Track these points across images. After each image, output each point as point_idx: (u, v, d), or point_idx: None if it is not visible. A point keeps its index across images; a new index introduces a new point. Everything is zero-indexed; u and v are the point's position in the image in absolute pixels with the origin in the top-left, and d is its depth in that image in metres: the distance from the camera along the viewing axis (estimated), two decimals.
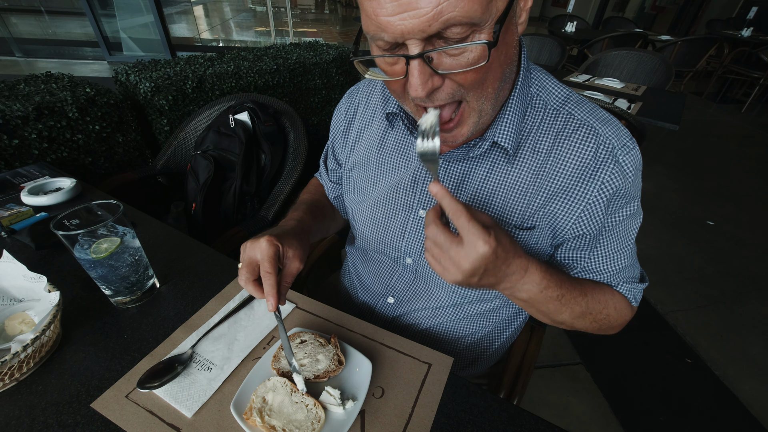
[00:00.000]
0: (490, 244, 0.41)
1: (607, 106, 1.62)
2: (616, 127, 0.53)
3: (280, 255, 0.55)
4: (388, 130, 0.66)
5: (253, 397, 0.51)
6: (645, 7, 8.95)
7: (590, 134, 0.52)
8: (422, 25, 0.36)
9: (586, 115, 0.53)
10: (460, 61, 0.40)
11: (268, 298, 0.51)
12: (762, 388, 1.54)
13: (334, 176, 0.81)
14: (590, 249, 0.58)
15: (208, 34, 7.49)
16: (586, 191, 0.53)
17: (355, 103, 0.72)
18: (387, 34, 0.38)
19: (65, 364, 0.58)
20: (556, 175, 0.54)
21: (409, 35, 0.37)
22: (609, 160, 0.52)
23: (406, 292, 0.72)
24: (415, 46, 0.38)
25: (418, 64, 0.39)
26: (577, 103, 0.54)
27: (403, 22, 0.36)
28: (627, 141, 0.53)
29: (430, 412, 0.53)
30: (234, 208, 1.29)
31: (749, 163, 3.45)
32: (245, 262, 0.54)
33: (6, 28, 5.42)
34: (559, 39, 3.23)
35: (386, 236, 0.69)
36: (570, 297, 0.55)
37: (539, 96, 0.55)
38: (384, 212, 0.68)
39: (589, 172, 0.52)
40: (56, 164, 1.30)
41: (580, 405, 1.44)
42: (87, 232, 0.59)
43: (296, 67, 2.01)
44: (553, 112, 0.54)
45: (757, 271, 2.17)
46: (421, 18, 0.35)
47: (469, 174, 0.58)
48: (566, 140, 0.53)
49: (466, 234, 0.41)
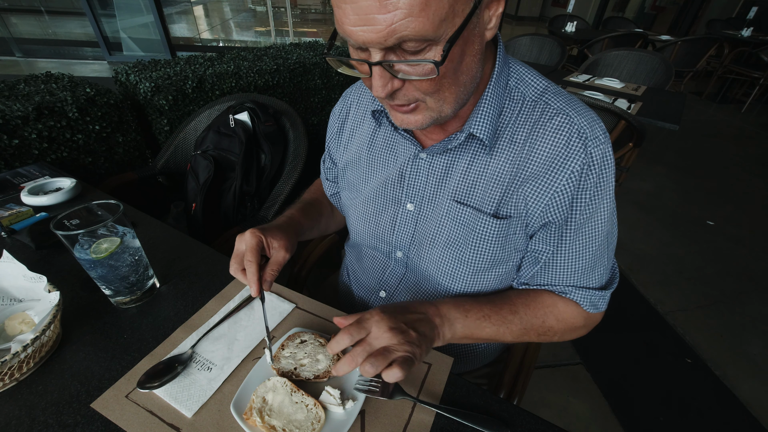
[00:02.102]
0: (372, 313, 0.51)
1: (607, 106, 1.62)
2: (591, 119, 0.54)
3: (265, 246, 0.60)
4: (377, 128, 0.69)
5: (253, 397, 0.51)
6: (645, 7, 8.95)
7: (565, 122, 0.53)
8: (379, 38, 0.39)
9: (563, 104, 0.54)
10: (416, 70, 0.43)
11: (249, 284, 0.56)
12: (762, 388, 1.54)
13: (331, 175, 0.85)
14: (555, 243, 0.58)
15: (208, 34, 7.49)
16: (556, 179, 0.53)
17: (348, 104, 0.75)
18: (352, 39, 0.41)
19: (65, 364, 0.58)
20: (530, 162, 0.55)
21: (370, 44, 0.40)
22: (580, 151, 0.52)
23: (397, 286, 0.75)
24: (376, 54, 0.41)
25: (378, 69, 0.43)
26: (555, 94, 0.55)
27: (363, 33, 0.39)
28: (599, 134, 0.53)
29: (430, 412, 0.53)
30: (234, 208, 1.29)
31: (749, 163, 3.45)
32: (234, 254, 0.59)
33: (6, 28, 5.42)
34: (559, 39, 3.22)
35: (378, 230, 0.71)
36: (498, 316, 0.59)
37: (518, 89, 0.56)
38: (375, 207, 0.70)
39: (560, 160, 0.53)
40: (56, 164, 1.30)
41: (580, 405, 1.44)
42: (87, 232, 0.59)
43: (296, 67, 2.01)
44: (531, 103, 0.55)
45: (757, 271, 2.17)
46: (378, 33, 0.38)
47: (452, 166, 0.60)
48: (542, 128, 0.54)
49: (362, 323, 0.50)
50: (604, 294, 0.62)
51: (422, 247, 0.67)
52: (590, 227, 0.56)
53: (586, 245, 0.58)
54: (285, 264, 0.61)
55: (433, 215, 0.64)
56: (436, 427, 0.51)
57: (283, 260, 0.60)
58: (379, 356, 0.46)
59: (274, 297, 0.71)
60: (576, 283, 0.61)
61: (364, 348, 0.48)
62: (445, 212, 0.62)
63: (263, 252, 0.60)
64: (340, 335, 0.49)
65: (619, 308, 1.86)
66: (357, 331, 0.49)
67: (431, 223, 0.64)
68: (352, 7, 0.38)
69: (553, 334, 0.63)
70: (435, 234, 0.64)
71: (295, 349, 0.58)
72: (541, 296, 0.63)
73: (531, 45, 3.37)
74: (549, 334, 0.62)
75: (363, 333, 0.49)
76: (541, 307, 0.62)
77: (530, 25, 10.26)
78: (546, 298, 0.62)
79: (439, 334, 0.55)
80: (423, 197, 0.64)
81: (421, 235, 0.66)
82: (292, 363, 0.57)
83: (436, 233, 0.64)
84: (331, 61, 0.47)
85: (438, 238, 0.64)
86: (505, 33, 7.52)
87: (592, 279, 0.61)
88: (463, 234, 0.61)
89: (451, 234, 0.62)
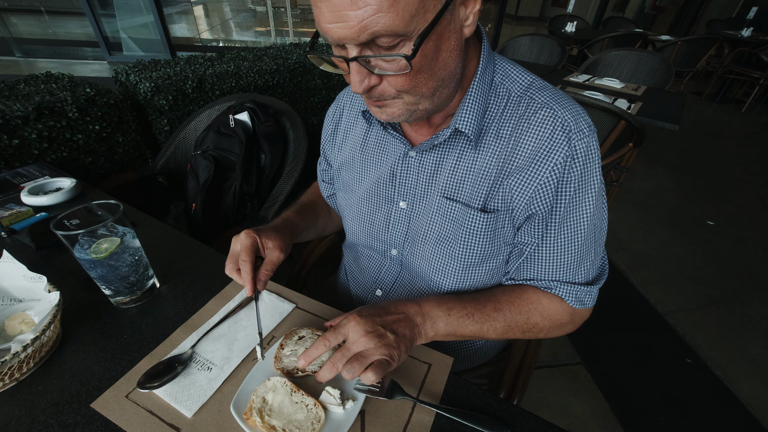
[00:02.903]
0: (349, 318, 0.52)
1: (607, 106, 1.62)
2: (575, 112, 0.54)
3: (260, 246, 0.61)
4: (369, 128, 0.70)
5: (253, 397, 0.51)
6: (645, 7, 8.94)
7: (549, 115, 0.53)
8: (353, 34, 0.40)
9: (547, 98, 0.55)
10: (391, 66, 0.44)
11: (244, 283, 0.57)
12: (761, 388, 1.54)
13: (327, 176, 0.86)
14: (540, 236, 0.58)
15: (208, 34, 7.49)
16: (539, 171, 0.54)
17: (341, 105, 0.76)
18: (329, 36, 0.43)
19: (65, 364, 0.58)
20: (515, 155, 0.55)
21: (346, 40, 0.42)
22: (564, 143, 0.52)
23: (392, 284, 0.75)
24: (353, 50, 0.43)
25: (355, 65, 0.44)
26: (539, 89, 0.56)
27: (338, 30, 0.41)
28: (584, 127, 0.53)
29: (430, 412, 0.53)
30: (234, 208, 1.29)
31: (749, 163, 3.45)
32: (229, 254, 0.60)
33: (6, 28, 5.41)
34: (559, 39, 3.22)
35: (372, 229, 0.72)
36: (481, 314, 0.60)
37: (503, 84, 0.57)
38: (369, 206, 0.71)
39: (543, 153, 0.53)
40: (56, 164, 1.30)
41: (580, 405, 1.44)
42: (87, 232, 0.59)
43: (296, 67, 2.01)
44: (516, 99, 0.56)
45: (757, 271, 2.16)
46: (351, 29, 0.40)
47: (441, 163, 0.61)
48: (526, 122, 0.55)
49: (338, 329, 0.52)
50: (591, 289, 0.62)
51: (415, 244, 0.67)
52: (575, 220, 0.56)
53: (570, 238, 0.58)
54: (281, 264, 0.62)
55: (424, 212, 0.64)
56: (436, 427, 0.51)
57: (277, 260, 0.61)
58: (355, 362, 0.49)
59: (274, 297, 0.71)
60: (561, 278, 0.61)
61: (343, 354, 0.50)
62: (435, 209, 0.62)
63: (258, 253, 0.60)
64: (315, 344, 0.52)
65: (619, 308, 1.86)
66: (334, 337, 0.51)
67: (423, 220, 0.65)
68: (327, 5, 0.39)
69: (539, 331, 0.63)
70: (427, 231, 0.64)
71: (295, 346, 0.58)
72: (526, 293, 0.63)
73: (531, 45, 3.36)
74: (534, 331, 0.62)
75: (340, 338, 0.51)
76: (525, 304, 0.62)
77: (530, 25, 10.25)
78: (530, 295, 0.62)
79: (420, 333, 0.56)
80: (414, 195, 0.65)
81: (414, 233, 0.67)
82: (295, 360, 0.57)
83: (427, 230, 0.64)
84: (312, 59, 0.49)
85: (429, 235, 0.64)
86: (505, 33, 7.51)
87: (578, 274, 0.61)
88: (453, 229, 0.61)
89: (442, 230, 0.62)
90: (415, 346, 0.56)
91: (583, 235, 0.58)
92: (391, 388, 0.54)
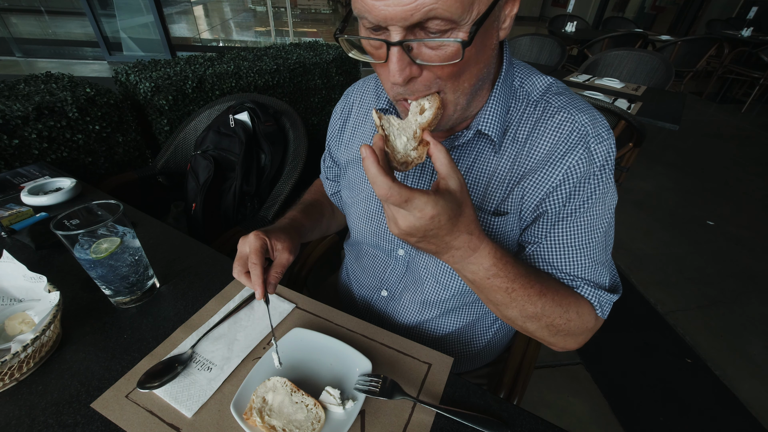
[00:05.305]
0: (425, 214, 0.40)
1: (607, 106, 1.62)
2: (593, 116, 0.54)
3: (269, 248, 0.58)
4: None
5: (253, 397, 0.51)
6: (645, 7, 8.95)
7: (566, 119, 0.53)
8: (404, 13, 0.37)
9: (564, 102, 0.54)
10: (438, 54, 0.41)
11: (255, 287, 0.54)
12: (761, 388, 1.54)
13: (331, 174, 0.85)
14: (547, 234, 0.56)
15: (208, 34, 7.49)
16: (553, 173, 0.53)
17: (350, 102, 0.75)
18: (371, 15, 0.39)
19: (65, 364, 0.58)
20: (530, 158, 0.55)
21: (392, 21, 0.38)
22: (580, 146, 0.52)
23: (398, 284, 0.75)
24: (397, 33, 0.39)
25: (398, 51, 0.40)
26: (556, 93, 0.56)
27: (387, 7, 0.37)
28: (602, 131, 0.53)
29: (430, 412, 0.53)
30: (234, 208, 1.29)
31: (749, 163, 3.45)
32: (237, 256, 0.58)
33: (6, 28, 5.42)
34: (559, 39, 3.22)
35: (380, 228, 0.71)
36: (522, 294, 0.52)
37: (522, 88, 0.56)
38: (376, 205, 0.70)
39: (559, 155, 0.53)
40: (56, 164, 1.30)
41: (580, 405, 1.44)
42: (87, 232, 0.59)
43: (296, 67, 2.01)
44: (534, 103, 0.56)
45: (757, 271, 2.16)
46: (404, 6, 0.36)
47: (456, 163, 0.59)
48: (543, 125, 0.54)
49: (415, 195, 0.39)
50: (611, 298, 0.60)
51: None
52: (594, 222, 0.55)
53: (587, 239, 0.56)
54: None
55: None
56: (436, 427, 0.51)
57: (287, 262, 0.59)
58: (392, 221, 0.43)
59: (274, 297, 0.71)
60: (585, 279, 0.58)
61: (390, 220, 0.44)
62: None
63: (267, 254, 0.59)
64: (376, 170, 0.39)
65: (619, 308, 1.84)
66: (397, 196, 0.39)
67: None
68: None
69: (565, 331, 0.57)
70: None
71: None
72: (568, 288, 0.59)
73: (531, 45, 3.37)
74: (560, 327, 0.56)
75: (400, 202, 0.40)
76: (569, 297, 0.57)
77: (530, 25, 10.25)
78: (571, 291, 0.58)
79: (453, 264, 0.49)
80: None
81: None
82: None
83: None
84: (342, 43, 0.45)
85: None
86: None
87: (601, 277, 0.58)
88: None
89: None
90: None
91: (600, 233, 0.56)
92: (391, 388, 0.54)
